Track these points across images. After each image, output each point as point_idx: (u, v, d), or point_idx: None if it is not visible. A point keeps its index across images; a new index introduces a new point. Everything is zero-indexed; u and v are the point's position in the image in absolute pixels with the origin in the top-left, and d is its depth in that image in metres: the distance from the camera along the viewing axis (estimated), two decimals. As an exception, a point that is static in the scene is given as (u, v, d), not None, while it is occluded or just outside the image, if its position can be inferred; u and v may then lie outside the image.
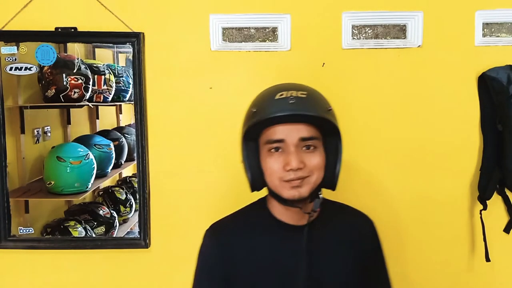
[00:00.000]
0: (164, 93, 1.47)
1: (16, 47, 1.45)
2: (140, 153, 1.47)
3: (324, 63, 1.45)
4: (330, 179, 0.96)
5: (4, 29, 1.43)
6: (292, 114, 0.89)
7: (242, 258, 0.99)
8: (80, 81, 1.66)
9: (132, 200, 1.98)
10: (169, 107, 1.47)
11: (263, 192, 1.04)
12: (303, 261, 0.95)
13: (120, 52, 1.87)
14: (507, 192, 1.49)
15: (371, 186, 1.50)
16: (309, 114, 0.89)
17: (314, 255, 0.97)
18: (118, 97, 1.88)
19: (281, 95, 0.91)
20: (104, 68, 1.80)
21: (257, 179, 0.97)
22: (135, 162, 1.48)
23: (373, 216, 1.49)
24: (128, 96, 1.89)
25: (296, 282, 0.96)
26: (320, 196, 0.95)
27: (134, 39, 1.42)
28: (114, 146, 1.95)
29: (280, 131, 0.91)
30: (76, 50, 1.65)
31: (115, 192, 1.97)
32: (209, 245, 1.03)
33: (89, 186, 1.78)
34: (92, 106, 1.81)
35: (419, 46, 1.45)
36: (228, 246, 1.00)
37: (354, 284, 1.01)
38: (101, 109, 1.98)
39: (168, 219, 1.49)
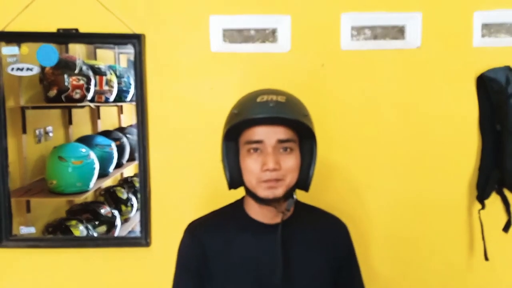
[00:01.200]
0: (165, 94, 1.48)
1: (17, 47, 1.45)
2: (141, 153, 1.47)
3: (323, 64, 1.46)
4: (303, 181, 1.01)
5: (5, 29, 1.43)
6: (271, 117, 0.94)
7: (215, 255, 1.03)
8: (81, 81, 1.67)
9: (134, 199, 1.99)
10: (170, 108, 1.48)
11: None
12: (277, 259, 0.98)
13: (121, 53, 1.87)
14: (506, 192, 1.49)
15: (370, 186, 1.50)
16: (287, 118, 0.94)
17: (286, 253, 1.00)
18: (120, 97, 1.89)
19: (262, 98, 0.96)
20: (105, 68, 1.81)
21: (235, 178, 1.02)
22: (137, 162, 1.49)
23: (372, 215, 1.51)
24: (129, 96, 1.90)
25: (268, 279, 0.99)
26: (294, 196, 1.00)
27: (135, 40, 1.43)
28: (116, 146, 1.96)
29: (259, 133, 0.96)
30: (77, 51, 1.66)
31: (117, 192, 1.97)
32: (185, 242, 1.08)
33: (91, 186, 1.78)
34: (93, 107, 1.82)
35: (418, 47, 1.46)
36: (201, 243, 1.04)
37: (324, 283, 1.04)
38: (103, 109, 1.99)
39: (169, 218, 1.50)
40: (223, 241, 1.04)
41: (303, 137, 1.01)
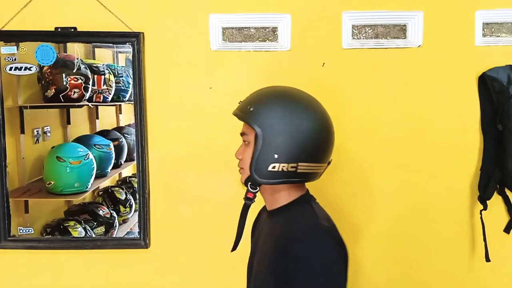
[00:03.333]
0: (164, 93, 1.47)
1: (16, 47, 1.45)
2: (139, 153, 1.46)
3: (324, 63, 1.45)
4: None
5: (4, 29, 1.43)
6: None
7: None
8: (80, 81, 1.66)
9: (132, 200, 1.98)
10: (169, 107, 1.47)
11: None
12: (236, 243, 1.05)
13: (120, 52, 1.86)
14: (507, 192, 1.49)
15: (371, 186, 1.50)
16: (234, 113, 1.01)
17: (256, 246, 1.06)
18: (118, 97, 1.88)
19: None
20: (104, 68, 1.80)
21: None
22: (135, 162, 1.48)
23: (372, 216, 1.50)
24: (127, 96, 1.89)
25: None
26: (249, 185, 1.00)
27: (134, 39, 1.42)
28: (114, 146, 1.94)
29: None
30: (76, 50, 1.65)
31: (115, 192, 1.96)
32: None
33: (89, 186, 1.77)
34: (91, 106, 1.81)
35: (419, 46, 1.45)
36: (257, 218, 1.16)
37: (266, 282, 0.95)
38: (101, 109, 1.98)
39: (168, 219, 1.49)
40: (257, 221, 1.13)
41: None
